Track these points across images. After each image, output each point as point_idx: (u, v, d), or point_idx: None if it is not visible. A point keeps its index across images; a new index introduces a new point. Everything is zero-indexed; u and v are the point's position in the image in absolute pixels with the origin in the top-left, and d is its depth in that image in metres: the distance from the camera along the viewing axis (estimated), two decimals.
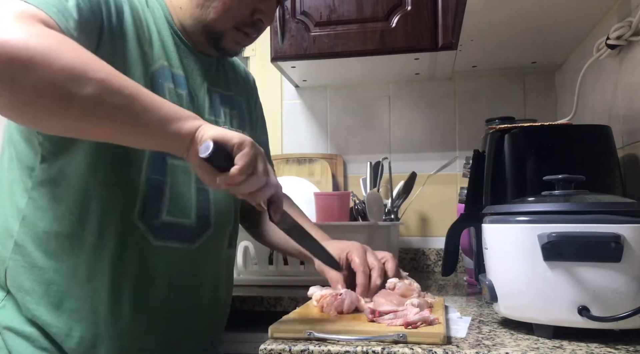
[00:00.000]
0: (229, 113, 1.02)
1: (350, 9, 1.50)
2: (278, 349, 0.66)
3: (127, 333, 0.84)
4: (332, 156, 1.85)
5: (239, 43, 0.97)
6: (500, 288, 0.75)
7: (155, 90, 0.85)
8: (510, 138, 1.01)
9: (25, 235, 0.82)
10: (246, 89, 1.13)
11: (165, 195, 0.86)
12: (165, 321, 0.88)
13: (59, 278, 0.81)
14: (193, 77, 0.95)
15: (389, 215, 1.60)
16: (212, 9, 0.91)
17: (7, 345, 0.81)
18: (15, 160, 0.84)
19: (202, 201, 0.91)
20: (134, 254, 0.84)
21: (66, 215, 0.81)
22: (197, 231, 0.91)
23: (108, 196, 0.82)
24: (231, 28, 0.93)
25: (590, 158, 1.00)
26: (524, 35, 1.36)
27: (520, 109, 1.74)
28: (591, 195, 0.74)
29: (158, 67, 0.88)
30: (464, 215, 1.00)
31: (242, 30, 0.94)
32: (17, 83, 0.58)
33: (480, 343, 0.67)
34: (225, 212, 0.97)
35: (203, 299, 0.94)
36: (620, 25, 1.08)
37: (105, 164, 0.82)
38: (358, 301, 0.84)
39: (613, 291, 0.65)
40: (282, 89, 1.90)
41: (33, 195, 0.82)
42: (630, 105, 1.11)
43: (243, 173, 0.67)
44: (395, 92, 1.84)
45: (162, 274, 0.86)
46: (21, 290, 0.81)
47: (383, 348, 0.64)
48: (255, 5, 0.92)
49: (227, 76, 1.06)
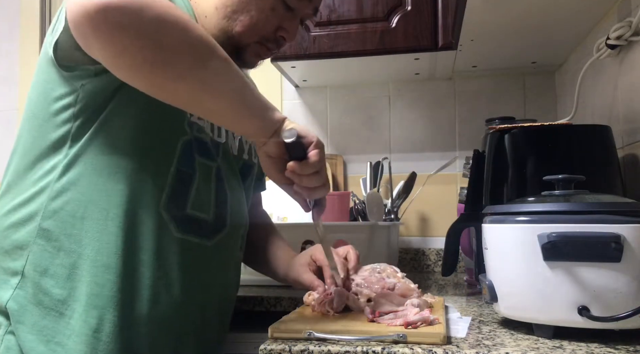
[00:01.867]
0: None
1: (350, 9, 1.51)
2: (278, 349, 0.66)
3: (137, 323, 0.84)
4: (332, 156, 1.85)
5: (259, 56, 0.99)
6: (500, 288, 0.75)
7: None
8: (510, 138, 1.01)
9: (50, 219, 0.82)
10: None
11: (191, 188, 0.88)
12: (176, 316, 0.88)
13: (82, 262, 0.81)
14: None
15: (389, 215, 1.60)
16: (238, 22, 0.92)
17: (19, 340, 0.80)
18: (36, 146, 0.84)
19: (221, 201, 0.93)
20: (154, 243, 0.84)
21: (92, 200, 0.81)
22: (214, 228, 0.91)
23: (136, 184, 0.82)
24: (255, 42, 0.95)
25: (590, 158, 1.00)
26: (524, 35, 1.36)
27: (520, 109, 1.74)
28: (591, 195, 0.74)
29: None
30: (464, 215, 1.00)
31: (265, 44, 0.96)
32: (160, 42, 0.67)
33: (480, 343, 0.67)
34: (239, 214, 0.99)
35: (213, 296, 0.95)
36: (620, 25, 1.08)
37: (136, 153, 0.82)
38: (347, 298, 0.84)
39: (613, 291, 0.66)
40: (282, 89, 1.90)
41: (60, 180, 0.82)
42: (630, 105, 1.11)
43: (315, 167, 0.75)
44: (395, 92, 1.84)
45: (178, 267, 0.86)
46: (45, 275, 0.81)
47: (383, 348, 0.64)
48: (280, 22, 0.94)
49: None
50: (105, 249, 0.81)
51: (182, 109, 0.81)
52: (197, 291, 0.90)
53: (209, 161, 0.90)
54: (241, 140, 1.03)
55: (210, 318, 0.94)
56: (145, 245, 0.83)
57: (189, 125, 0.87)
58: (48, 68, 0.83)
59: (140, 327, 0.83)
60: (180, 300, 0.87)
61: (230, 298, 1.01)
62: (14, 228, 0.83)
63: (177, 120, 0.86)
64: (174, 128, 0.86)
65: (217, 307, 0.96)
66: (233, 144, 1.00)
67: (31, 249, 0.82)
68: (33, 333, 0.80)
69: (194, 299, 0.90)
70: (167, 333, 0.87)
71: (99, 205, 0.81)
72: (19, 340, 0.80)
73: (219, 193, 0.92)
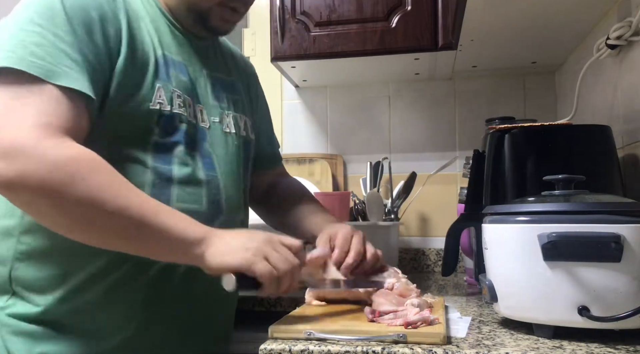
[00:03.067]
0: (231, 98, 1.02)
1: (350, 9, 1.50)
2: (278, 349, 0.66)
3: (138, 320, 0.84)
4: (332, 156, 1.85)
5: (227, 20, 0.96)
6: (500, 288, 0.75)
7: (162, 79, 0.86)
8: (510, 138, 1.01)
9: (31, 226, 0.82)
10: (247, 77, 1.14)
11: (172, 184, 0.86)
12: (178, 311, 0.88)
13: (73, 269, 0.82)
14: (192, 63, 0.94)
15: (389, 215, 1.60)
16: None
17: (6, 346, 0.80)
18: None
19: (213, 188, 0.91)
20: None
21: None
22: (208, 217, 0.89)
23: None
24: (216, 4, 0.92)
25: (590, 158, 1.00)
26: (524, 35, 1.36)
27: (520, 109, 1.74)
28: (591, 195, 0.74)
29: (159, 55, 0.88)
30: (464, 215, 1.00)
31: (228, 5, 0.93)
32: (56, 204, 0.71)
33: (480, 343, 0.67)
34: (235, 198, 0.97)
35: (216, 291, 0.94)
36: (620, 25, 1.08)
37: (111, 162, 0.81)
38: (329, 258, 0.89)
39: (613, 291, 0.66)
40: (282, 89, 1.90)
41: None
42: (630, 105, 1.11)
43: (274, 288, 0.76)
44: (395, 92, 1.84)
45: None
46: (31, 288, 0.82)
47: (383, 348, 0.64)
48: None
49: (226, 62, 1.06)
50: (100, 254, 0.81)
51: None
52: (197, 285, 0.89)
53: (189, 149, 0.89)
54: (235, 116, 1.01)
55: (214, 313, 0.95)
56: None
57: (157, 124, 0.85)
58: None
59: (140, 323, 0.84)
60: (181, 295, 0.88)
61: (233, 293, 1.01)
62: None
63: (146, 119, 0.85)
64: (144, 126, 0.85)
65: (219, 301, 0.95)
66: (227, 122, 0.98)
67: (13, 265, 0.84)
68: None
69: (194, 294, 0.90)
70: (167, 328, 0.87)
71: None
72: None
73: (210, 182, 0.91)
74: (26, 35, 0.75)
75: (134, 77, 0.83)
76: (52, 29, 0.76)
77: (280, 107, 1.90)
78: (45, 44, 0.75)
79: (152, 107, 0.84)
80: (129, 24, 0.85)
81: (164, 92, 0.86)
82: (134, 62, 0.84)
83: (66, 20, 0.77)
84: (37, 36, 0.75)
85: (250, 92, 1.13)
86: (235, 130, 1.00)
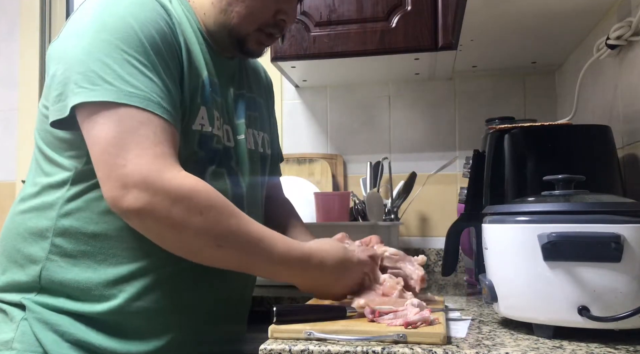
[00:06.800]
0: (253, 115, 1.05)
1: (350, 8, 1.51)
2: (278, 349, 0.66)
3: (153, 318, 0.86)
4: (332, 156, 1.85)
5: (262, 44, 0.98)
6: (500, 288, 0.75)
7: (204, 101, 0.89)
8: (510, 138, 1.01)
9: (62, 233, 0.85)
10: (267, 92, 1.17)
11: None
12: (194, 313, 0.90)
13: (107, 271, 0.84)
14: (223, 83, 0.97)
15: (389, 215, 1.60)
16: (235, 14, 0.92)
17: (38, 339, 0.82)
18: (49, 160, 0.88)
19: (237, 195, 0.94)
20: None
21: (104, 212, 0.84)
22: None
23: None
24: (254, 30, 0.95)
25: (590, 158, 1.00)
26: (524, 35, 1.36)
27: (520, 109, 1.74)
28: (591, 195, 0.74)
29: (205, 77, 0.91)
30: (464, 215, 1.00)
31: (265, 31, 0.96)
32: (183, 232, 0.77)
33: (480, 343, 0.67)
34: (256, 205, 1.00)
35: (232, 293, 0.97)
36: (620, 25, 1.08)
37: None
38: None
39: (613, 291, 0.65)
40: (282, 89, 1.90)
41: (69, 198, 0.85)
42: (630, 105, 1.11)
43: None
44: (395, 92, 1.84)
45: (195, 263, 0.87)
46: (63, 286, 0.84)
47: (383, 348, 0.64)
48: (277, 6, 0.94)
49: (249, 79, 1.09)
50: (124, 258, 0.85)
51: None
52: (214, 288, 0.92)
53: (219, 168, 0.92)
54: (254, 133, 1.03)
55: (228, 315, 0.97)
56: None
57: (198, 146, 0.88)
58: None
59: (156, 322, 0.86)
60: (195, 296, 0.90)
61: (247, 299, 1.04)
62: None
63: (189, 143, 0.88)
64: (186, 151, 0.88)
65: (234, 304, 0.98)
66: (250, 139, 1.01)
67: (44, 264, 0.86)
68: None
69: (210, 296, 0.92)
70: (183, 329, 0.89)
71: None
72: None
73: (236, 199, 0.93)
74: (114, 61, 0.77)
75: (184, 98, 0.86)
76: (135, 56, 0.78)
77: (280, 107, 1.90)
78: (135, 73, 0.77)
79: (194, 128, 0.87)
80: (186, 48, 0.88)
81: (206, 113, 0.89)
82: (189, 84, 0.87)
83: (144, 45, 0.80)
84: (128, 65, 0.77)
85: (269, 107, 1.17)
86: (256, 147, 1.03)
